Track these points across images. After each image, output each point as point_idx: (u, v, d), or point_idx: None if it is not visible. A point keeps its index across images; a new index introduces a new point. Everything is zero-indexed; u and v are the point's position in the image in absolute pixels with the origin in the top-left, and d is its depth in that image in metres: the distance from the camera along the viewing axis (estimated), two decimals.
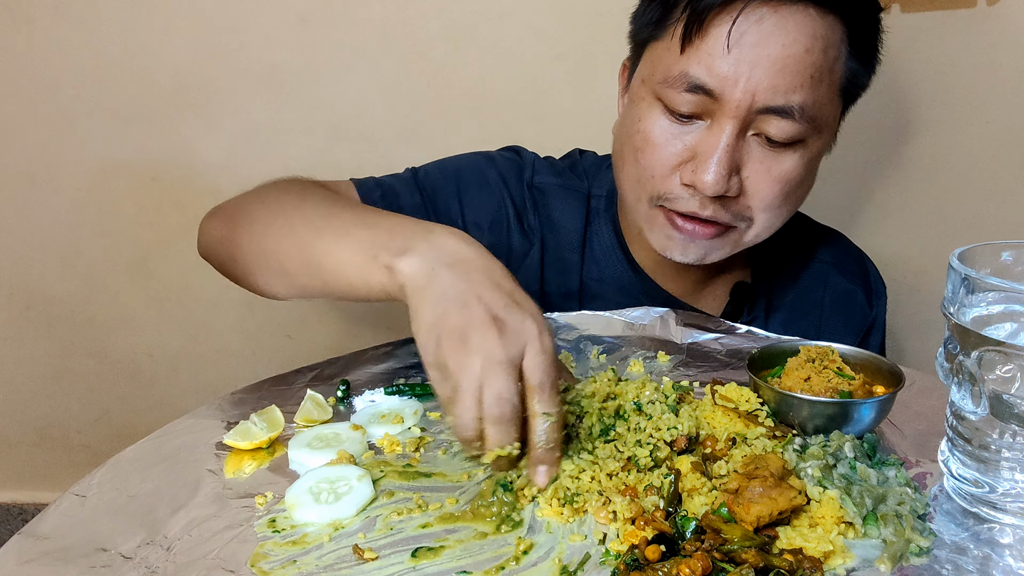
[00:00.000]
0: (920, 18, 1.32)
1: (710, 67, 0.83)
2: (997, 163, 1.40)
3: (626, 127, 0.94)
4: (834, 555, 0.58)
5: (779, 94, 0.83)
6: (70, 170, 1.55)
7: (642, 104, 0.91)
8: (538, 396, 0.64)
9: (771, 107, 0.83)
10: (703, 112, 0.86)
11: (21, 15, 1.46)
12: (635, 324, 1.00)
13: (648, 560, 0.56)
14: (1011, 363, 0.58)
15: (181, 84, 1.48)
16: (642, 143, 0.90)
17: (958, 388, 0.63)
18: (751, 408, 0.75)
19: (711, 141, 0.86)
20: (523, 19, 1.38)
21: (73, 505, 0.67)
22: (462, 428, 0.65)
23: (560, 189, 1.06)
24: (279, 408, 0.80)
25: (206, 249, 0.98)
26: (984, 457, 0.62)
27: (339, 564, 0.59)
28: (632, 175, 0.93)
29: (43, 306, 1.66)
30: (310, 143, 1.51)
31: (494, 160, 1.08)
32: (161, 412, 1.69)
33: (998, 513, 0.62)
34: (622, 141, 0.95)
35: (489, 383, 0.63)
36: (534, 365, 0.64)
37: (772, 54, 0.82)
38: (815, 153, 0.91)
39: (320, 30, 1.43)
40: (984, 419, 0.61)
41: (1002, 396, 0.59)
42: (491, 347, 0.63)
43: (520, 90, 1.43)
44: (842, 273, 1.11)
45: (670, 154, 0.88)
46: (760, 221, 0.92)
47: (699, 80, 0.84)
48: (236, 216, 0.91)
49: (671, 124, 0.88)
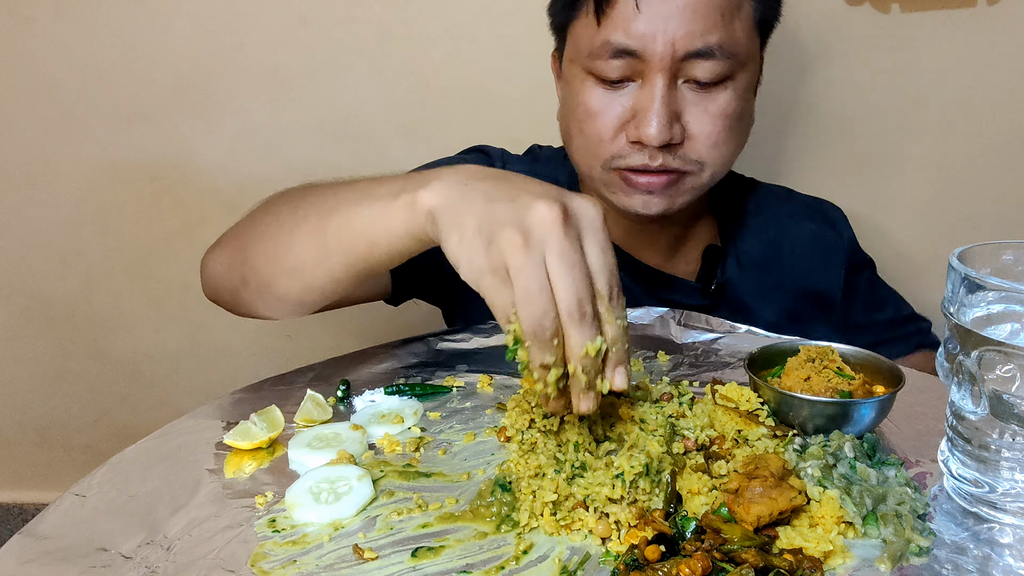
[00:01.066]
0: (920, 18, 1.32)
1: (627, 30, 0.89)
2: (997, 163, 1.40)
3: (567, 106, 1.00)
4: (834, 555, 0.58)
5: (696, 38, 0.88)
6: (70, 170, 1.55)
7: (575, 81, 0.97)
8: (608, 300, 0.61)
9: (692, 52, 0.89)
10: (632, 74, 0.92)
11: (21, 15, 1.46)
12: (635, 324, 1.00)
13: (648, 560, 0.56)
14: (1011, 363, 0.58)
15: (181, 84, 1.48)
16: (584, 115, 0.95)
17: (958, 388, 0.63)
18: (751, 408, 0.75)
19: (646, 97, 0.91)
20: (523, 19, 1.38)
21: (73, 505, 0.67)
22: (540, 330, 0.58)
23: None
24: (279, 408, 0.80)
25: (214, 284, 0.96)
26: (984, 457, 0.62)
27: (339, 564, 0.59)
28: (581, 146, 0.98)
29: (43, 306, 1.66)
30: (310, 143, 1.51)
31: (464, 160, 1.13)
32: (161, 412, 1.69)
33: (998, 513, 0.62)
34: (567, 120, 1.01)
35: (564, 283, 0.58)
36: (602, 264, 0.61)
37: (680, 3, 0.88)
38: (745, 86, 0.96)
39: (320, 30, 1.43)
40: (984, 419, 0.61)
41: (1002, 396, 0.59)
42: (557, 239, 0.58)
43: (520, 90, 1.43)
44: (802, 219, 1.16)
45: (611, 118, 0.94)
46: (711, 160, 0.96)
47: (620, 44, 0.89)
48: (241, 235, 0.91)
49: (605, 92, 0.94)
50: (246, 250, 0.87)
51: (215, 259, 0.95)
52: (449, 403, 0.84)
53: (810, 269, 1.13)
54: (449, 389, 0.87)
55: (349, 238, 0.74)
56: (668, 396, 0.79)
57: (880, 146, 1.42)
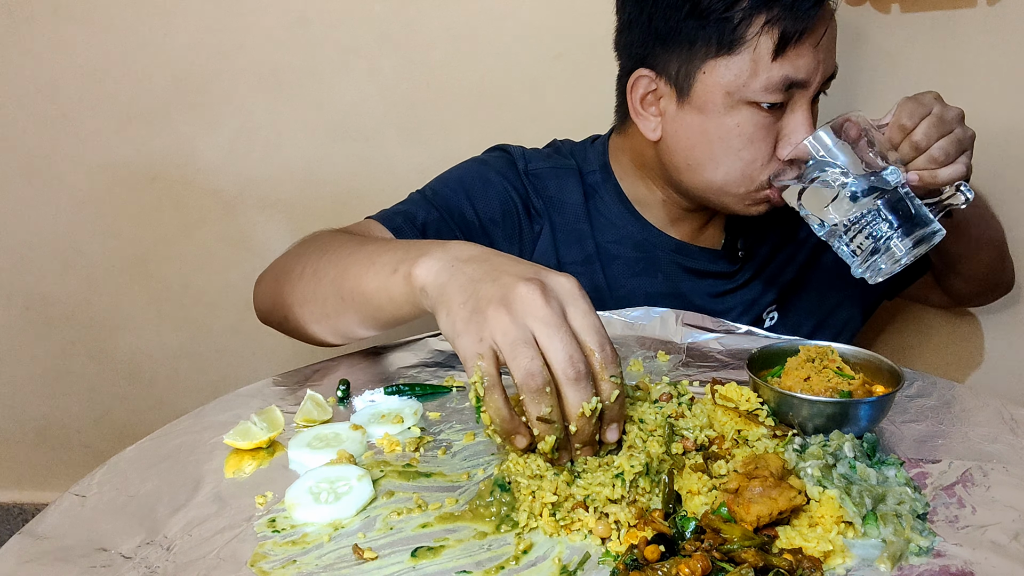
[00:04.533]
0: (920, 18, 1.32)
1: (803, 66, 0.94)
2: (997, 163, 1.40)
3: (714, 133, 0.99)
4: (834, 555, 0.58)
5: (831, 64, 0.98)
6: (70, 170, 1.55)
7: (721, 109, 0.98)
8: (600, 356, 0.63)
9: (829, 76, 0.99)
10: (787, 99, 0.97)
11: (21, 15, 1.46)
12: (635, 324, 1.00)
13: (648, 560, 0.56)
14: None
15: (181, 84, 1.48)
16: (745, 142, 0.98)
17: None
18: (751, 408, 0.75)
19: (798, 119, 0.97)
20: (523, 19, 1.39)
21: (73, 505, 0.67)
22: (531, 377, 0.61)
23: (553, 170, 1.14)
24: (279, 408, 0.81)
25: (264, 315, 1.03)
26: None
27: (339, 564, 0.59)
28: (736, 171, 1.00)
29: (43, 306, 1.66)
30: (310, 143, 1.51)
31: (487, 162, 1.15)
32: (161, 412, 1.69)
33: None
34: (712, 145, 1.00)
35: (553, 345, 0.62)
36: (586, 326, 0.64)
37: (831, 35, 0.97)
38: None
39: (320, 30, 1.43)
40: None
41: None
42: (536, 306, 0.62)
43: (520, 90, 1.43)
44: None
45: (770, 142, 0.99)
46: None
47: (796, 79, 0.95)
48: (278, 276, 0.98)
49: (765, 117, 0.97)
50: (282, 296, 0.95)
51: (260, 295, 1.03)
52: (449, 403, 0.84)
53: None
54: (449, 389, 0.87)
55: (360, 300, 0.82)
56: (667, 396, 0.79)
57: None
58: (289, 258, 0.98)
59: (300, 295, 0.91)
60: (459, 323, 0.66)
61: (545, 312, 0.62)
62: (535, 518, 0.63)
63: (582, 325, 0.64)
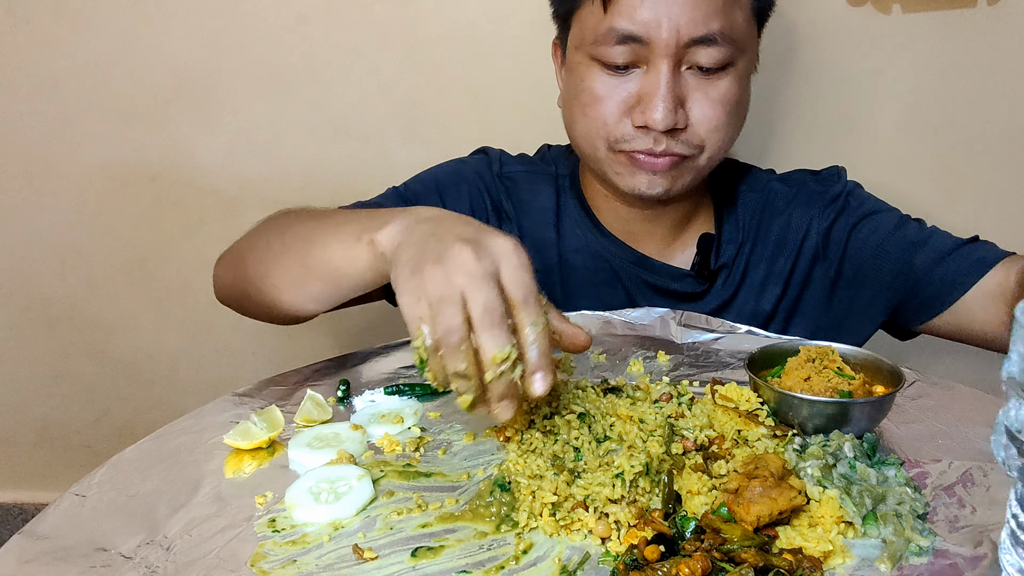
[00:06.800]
0: (920, 18, 1.32)
1: (633, 17, 0.91)
2: (998, 163, 1.40)
3: (570, 92, 1.02)
4: (834, 555, 0.58)
5: (700, 24, 0.91)
6: (70, 170, 1.55)
7: (580, 68, 0.99)
8: (522, 309, 0.65)
9: (696, 38, 0.91)
10: (637, 60, 0.94)
11: (21, 15, 1.46)
12: (635, 324, 1.00)
13: (647, 560, 0.56)
14: None
15: (181, 84, 1.48)
16: (589, 100, 0.98)
17: None
18: (751, 408, 0.75)
19: (652, 82, 0.93)
20: (523, 19, 1.38)
21: (73, 505, 0.67)
22: (449, 333, 0.63)
23: (528, 175, 1.15)
24: (279, 408, 0.81)
25: (223, 295, 1.04)
26: None
27: (339, 564, 0.59)
28: (584, 129, 1.00)
29: (43, 306, 1.66)
30: (310, 143, 1.51)
31: (465, 162, 1.17)
32: (161, 412, 1.69)
33: None
34: (570, 106, 1.03)
35: (473, 296, 0.63)
36: (514, 280, 0.65)
37: None
38: (743, 73, 0.99)
39: (320, 30, 1.43)
40: None
41: None
42: (468, 262, 0.64)
43: (520, 90, 1.43)
44: (788, 184, 1.15)
45: (616, 102, 0.96)
46: (711, 144, 0.99)
47: (626, 30, 0.92)
48: (242, 251, 0.98)
49: (611, 77, 0.96)
50: (245, 269, 0.95)
51: (221, 272, 1.03)
52: (449, 403, 0.84)
53: (805, 222, 1.10)
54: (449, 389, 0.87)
55: (324, 269, 0.83)
56: (667, 396, 0.79)
57: (881, 146, 1.42)
58: (253, 234, 0.98)
59: (264, 271, 0.91)
60: (400, 281, 0.67)
61: (473, 267, 0.64)
62: (535, 518, 0.63)
63: (510, 279, 0.65)
